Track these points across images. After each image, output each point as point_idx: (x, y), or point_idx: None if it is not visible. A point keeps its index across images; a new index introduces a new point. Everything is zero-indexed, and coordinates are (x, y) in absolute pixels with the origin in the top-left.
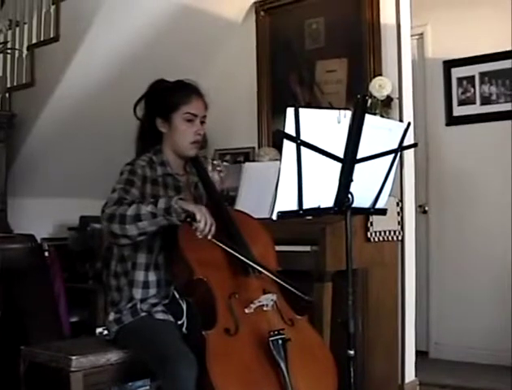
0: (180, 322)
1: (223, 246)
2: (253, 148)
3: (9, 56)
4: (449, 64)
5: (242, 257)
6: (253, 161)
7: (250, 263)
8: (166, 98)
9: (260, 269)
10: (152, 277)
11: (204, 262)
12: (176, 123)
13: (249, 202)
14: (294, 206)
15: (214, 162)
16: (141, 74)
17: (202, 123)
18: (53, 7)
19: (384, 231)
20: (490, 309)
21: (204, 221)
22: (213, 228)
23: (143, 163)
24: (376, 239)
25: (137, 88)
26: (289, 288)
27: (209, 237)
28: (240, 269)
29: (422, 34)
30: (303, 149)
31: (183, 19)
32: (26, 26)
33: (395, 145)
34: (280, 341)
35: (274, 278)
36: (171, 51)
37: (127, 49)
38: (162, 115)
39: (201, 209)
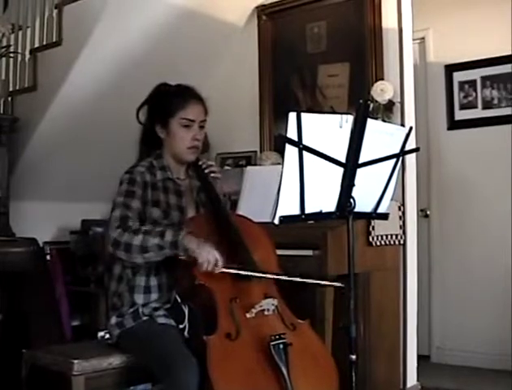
0: (181, 327)
1: (231, 271)
2: (255, 152)
3: (11, 60)
4: (450, 68)
5: (250, 274)
6: (255, 165)
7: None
8: (164, 104)
9: (269, 276)
10: (153, 282)
11: None
12: (173, 129)
13: (251, 206)
14: (296, 211)
15: (203, 165)
16: (142, 78)
17: (201, 127)
18: (55, 11)
19: (386, 236)
20: (492, 313)
21: (206, 263)
22: (219, 264)
23: (142, 169)
24: (378, 243)
25: (139, 93)
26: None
27: (215, 271)
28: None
29: (423, 38)
30: (305, 154)
31: (185, 23)
32: (29, 30)
33: (397, 150)
34: (282, 346)
35: (289, 278)
36: (173, 55)
37: (129, 53)
38: (160, 121)
39: (204, 248)
